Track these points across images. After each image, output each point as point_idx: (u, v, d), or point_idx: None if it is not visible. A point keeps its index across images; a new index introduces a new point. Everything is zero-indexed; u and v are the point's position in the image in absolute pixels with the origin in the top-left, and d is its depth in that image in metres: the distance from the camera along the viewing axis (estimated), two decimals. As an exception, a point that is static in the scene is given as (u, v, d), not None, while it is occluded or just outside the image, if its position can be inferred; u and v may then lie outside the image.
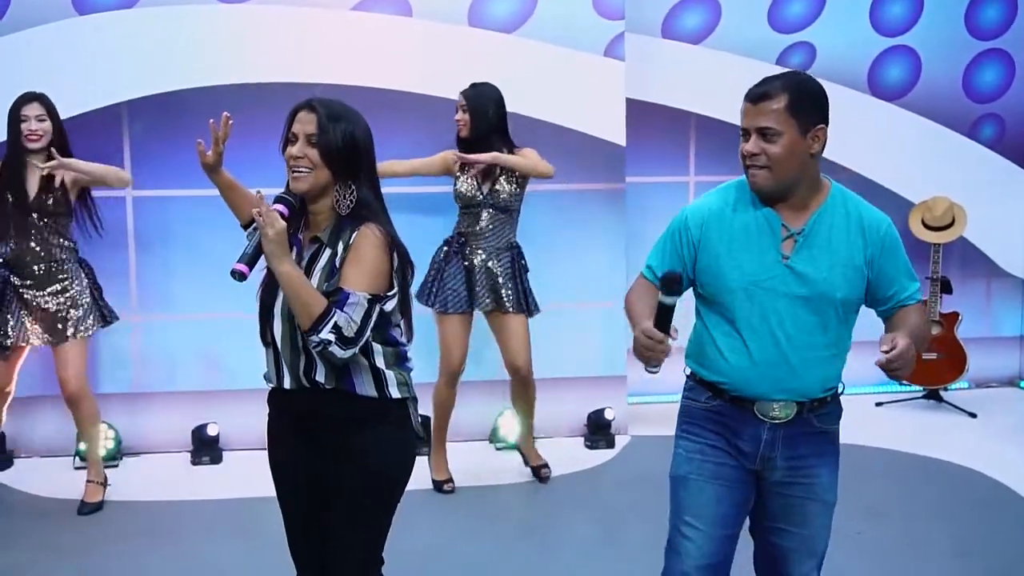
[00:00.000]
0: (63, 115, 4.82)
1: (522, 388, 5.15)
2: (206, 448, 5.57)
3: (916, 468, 5.47)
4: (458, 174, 5.00)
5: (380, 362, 2.67)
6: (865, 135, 6.81)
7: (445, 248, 5.09)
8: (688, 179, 6.52)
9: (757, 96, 2.59)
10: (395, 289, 2.66)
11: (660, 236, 2.77)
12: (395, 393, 2.70)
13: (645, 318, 2.51)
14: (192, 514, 4.84)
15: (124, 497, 4.98)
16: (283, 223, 2.51)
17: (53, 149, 4.56)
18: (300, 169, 2.61)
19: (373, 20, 5.67)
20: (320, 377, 2.62)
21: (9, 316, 4.69)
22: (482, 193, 4.94)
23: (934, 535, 4.50)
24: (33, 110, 4.64)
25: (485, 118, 4.92)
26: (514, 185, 4.97)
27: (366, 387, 2.66)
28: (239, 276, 2.52)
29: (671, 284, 2.42)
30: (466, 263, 4.99)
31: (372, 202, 2.69)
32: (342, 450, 2.67)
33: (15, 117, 4.64)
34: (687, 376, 2.77)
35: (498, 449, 5.75)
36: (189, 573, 4.20)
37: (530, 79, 5.27)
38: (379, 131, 5.97)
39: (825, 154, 7.46)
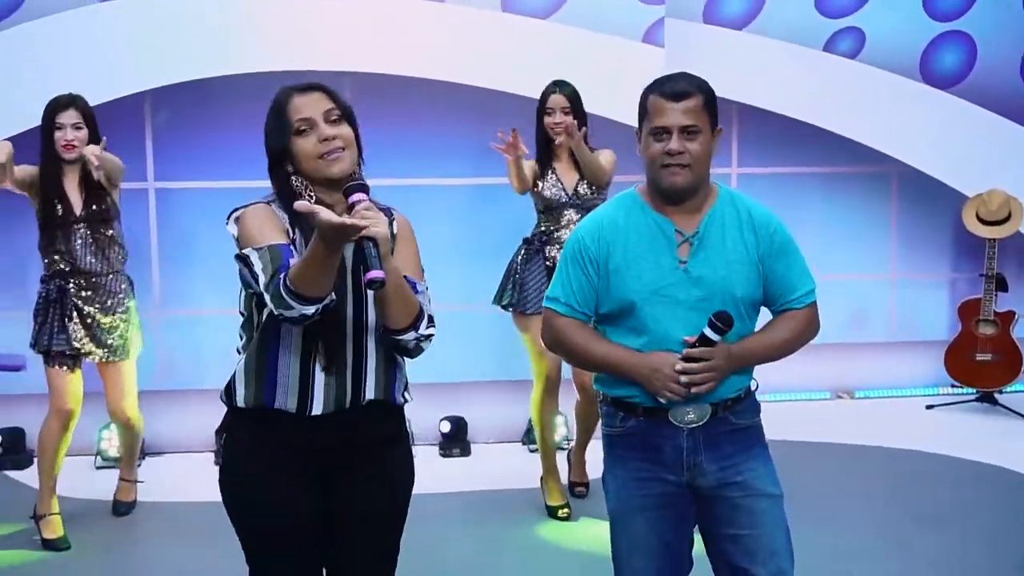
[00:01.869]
0: (85, 105, 4.84)
1: (588, 407, 4.92)
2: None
3: (969, 474, 5.44)
4: (542, 180, 4.92)
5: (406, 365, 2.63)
6: (917, 125, 6.79)
7: (525, 248, 5.03)
8: (731, 171, 6.51)
9: (678, 94, 2.60)
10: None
11: (558, 267, 2.77)
12: (408, 397, 2.66)
13: (636, 354, 2.61)
14: (215, 515, 4.88)
15: (146, 497, 5.04)
16: (384, 216, 2.35)
17: (89, 156, 4.35)
18: (335, 149, 2.42)
19: (403, 6, 5.69)
20: (369, 394, 2.49)
21: (69, 325, 4.55)
22: (567, 195, 4.90)
23: (988, 545, 4.48)
24: (69, 117, 4.45)
25: (582, 118, 4.86)
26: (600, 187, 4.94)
27: (400, 395, 2.60)
28: (380, 284, 2.23)
29: (728, 323, 2.53)
30: (548, 262, 4.91)
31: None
32: (376, 466, 2.57)
33: (50, 123, 4.47)
34: (599, 401, 2.79)
35: (532, 451, 5.75)
36: (210, 571, 4.25)
37: (565, 66, 5.24)
38: (411, 118, 6.07)
39: (875, 145, 7.51)
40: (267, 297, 2.32)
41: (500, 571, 4.29)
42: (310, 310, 2.28)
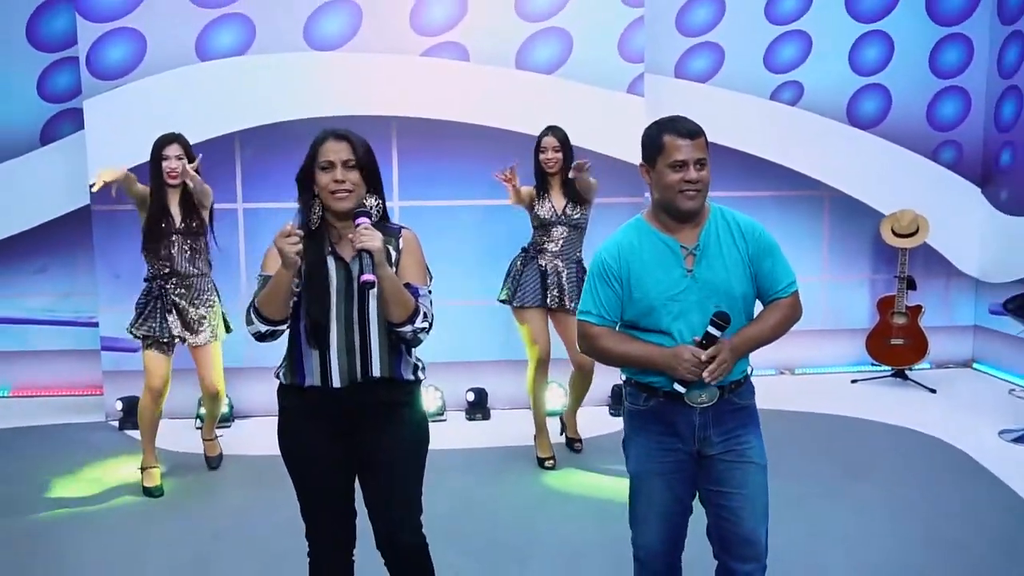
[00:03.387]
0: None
1: (582, 379, 4.99)
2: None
3: (885, 434, 5.42)
4: (538, 203, 4.88)
5: (414, 351, 2.64)
6: (845, 158, 6.81)
7: (523, 255, 4.99)
8: (696, 194, 6.49)
9: (693, 132, 2.52)
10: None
11: (585, 286, 2.67)
12: (421, 376, 2.67)
13: (662, 349, 2.51)
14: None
15: (236, 452, 5.05)
16: (380, 234, 2.42)
17: (188, 180, 4.41)
18: (343, 191, 2.48)
19: (438, 64, 5.71)
20: (376, 371, 2.53)
21: (168, 317, 4.55)
22: (557, 215, 4.86)
23: (900, 489, 4.47)
24: (173, 150, 4.44)
25: (569, 156, 4.83)
26: (583, 209, 4.89)
27: (407, 372, 2.61)
28: (371, 285, 2.39)
29: (727, 320, 2.47)
30: (540, 267, 4.89)
31: (386, 210, 2.64)
32: (388, 431, 2.59)
33: (158, 155, 4.45)
34: (624, 383, 2.71)
35: (538, 415, 5.75)
36: (288, 512, 4.24)
37: (567, 112, 5.26)
38: (442, 154, 6.08)
39: (810, 173, 7.47)
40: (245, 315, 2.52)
41: (515, 511, 4.27)
42: (263, 328, 2.47)
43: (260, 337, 2.50)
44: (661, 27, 6.50)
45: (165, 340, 4.55)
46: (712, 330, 2.46)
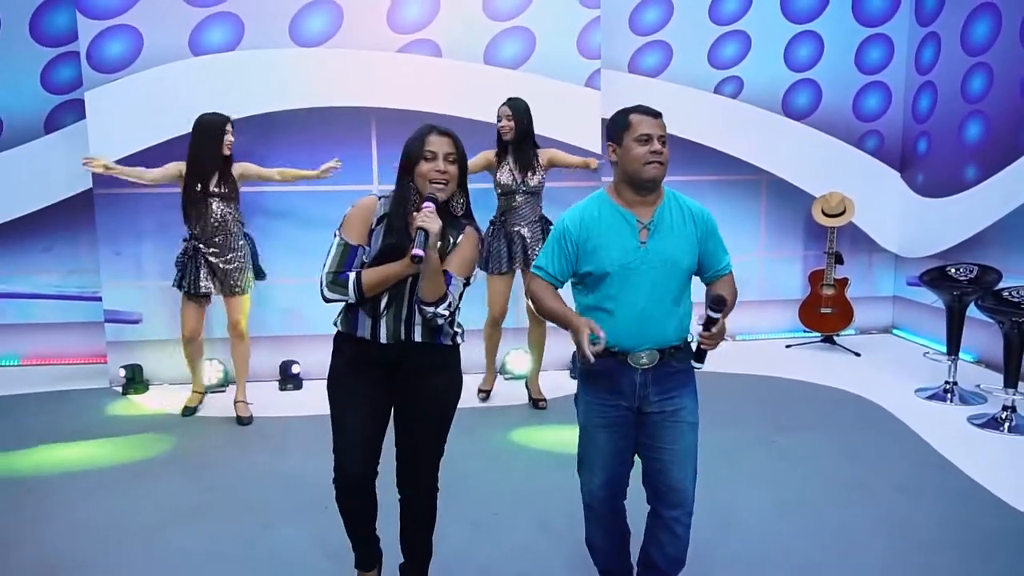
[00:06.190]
0: (181, 132, 4.83)
1: (539, 327, 5.12)
2: (290, 378, 5.60)
3: (815, 393, 5.48)
4: (498, 168, 4.98)
5: (456, 319, 2.68)
6: (780, 146, 6.84)
7: (491, 226, 5.07)
8: (647, 179, 6.50)
9: (656, 113, 2.58)
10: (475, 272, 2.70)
11: (546, 244, 2.69)
12: (459, 340, 2.70)
13: (572, 314, 2.56)
14: (280, 427, 4.88)
15: (230, 413, 5.00)
16: (439, 220, 2.46)
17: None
18: (443, 180, 2.52)
19: (413, 59, 5.64)
20: (417, 336, 2.59)
21: (202, 273, 4.76)
22: (517, 182, 4.93)
23: (827, 442, 4.52)
24: (229, 128, 4.71)
25: (524, 124, 4.91)
26: (540, 176, 4.97)
27: (446, 339, 2.65)
28: (419, 259, 2.38)
29: (723, 303, 2.44)
30: (506, 235, 4.99)
31: (469, 207, 2.69)
32: (424, 388, 2.64)
33: (221, 131, 4.67)
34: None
35: (506, 379, 5.76)
36: (280, 469, 4.23)
37: (530, 103, 5.21)
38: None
39: (749, 159, 7.48)
40: (324, 279, 2.55)
41: (485, 464, 4.27)
42: (354, 298, 2.54)
43: (331, 301, 2.57)
44: (616, 27, 6.48)
45: (198, 294, 4.78)
46: (712, 313, 2.45)
